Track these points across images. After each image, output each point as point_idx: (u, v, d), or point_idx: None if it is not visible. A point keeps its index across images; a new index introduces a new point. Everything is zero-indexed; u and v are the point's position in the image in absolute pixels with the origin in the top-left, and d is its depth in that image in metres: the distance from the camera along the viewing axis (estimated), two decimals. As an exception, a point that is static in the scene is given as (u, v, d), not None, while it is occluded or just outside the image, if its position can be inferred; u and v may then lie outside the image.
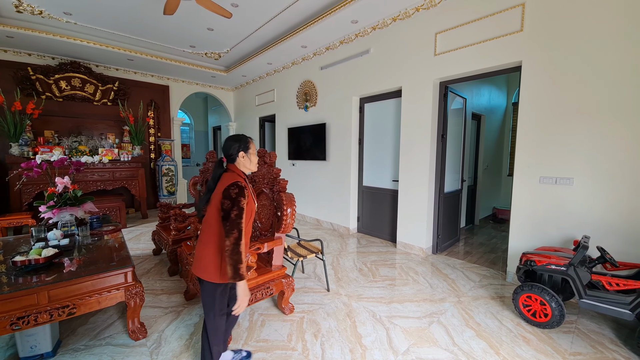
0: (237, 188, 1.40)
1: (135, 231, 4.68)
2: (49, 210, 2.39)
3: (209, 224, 1.49)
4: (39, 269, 1.80)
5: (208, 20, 4.13)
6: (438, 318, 2.25)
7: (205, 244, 1.49)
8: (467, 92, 4.37)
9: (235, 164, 1.55)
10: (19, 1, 3.63)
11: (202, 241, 1.51)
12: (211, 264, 1.47)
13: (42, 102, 5.01)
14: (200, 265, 1.48)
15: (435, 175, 3.57)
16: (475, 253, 3.74)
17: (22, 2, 3.67)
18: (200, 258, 1.49)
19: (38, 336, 1.77)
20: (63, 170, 3.85)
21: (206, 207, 1.53)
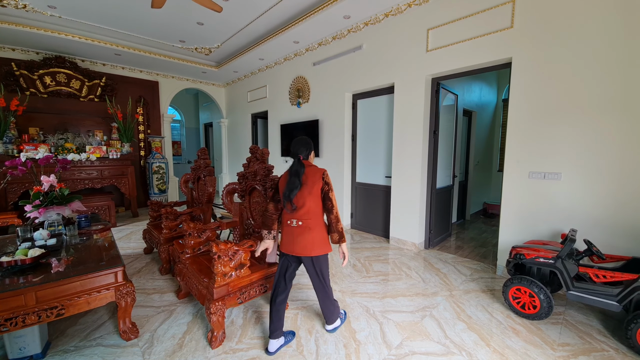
0: (327, 175, 1.83)
1: (126, 230, 4.60)
2: (35, 209, 2.33)
3: (314, 212, 1.80)
4: (26, 270, 1.76)
5: (198, 15, 4.05)
6: (430, 312, 2.28)
7: (315, 228, 1.80)
8: (459, 88, 4.40)
9: (309, 160, 1.92)
10: None
11: (311, 227, 1.79)
12: (325, 240, 1.84)
13: (26, 99, 4.84)
14: (315, 246, 1.80)
15: (428, 171, 3.60)
16: (466, 247, 3.80)
17: None
18: (315, 240, 1.80)
19: (27, 338, 1.73)
20: (49, 169, 3.75)
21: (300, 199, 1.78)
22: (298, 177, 1.76)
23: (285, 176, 1.86)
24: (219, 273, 1.88)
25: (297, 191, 1.75)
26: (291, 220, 1.82)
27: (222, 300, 1.87)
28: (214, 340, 1.86)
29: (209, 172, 3.36)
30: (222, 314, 1.86)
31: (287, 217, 1.84)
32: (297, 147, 1.87)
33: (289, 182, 1.77)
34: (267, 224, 1.94)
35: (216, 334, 1.87)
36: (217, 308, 1.82)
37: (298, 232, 1.80)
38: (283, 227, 1.88)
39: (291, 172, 1.80)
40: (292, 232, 1.82)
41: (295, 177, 1.76)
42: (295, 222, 1.80)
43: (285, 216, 1.86)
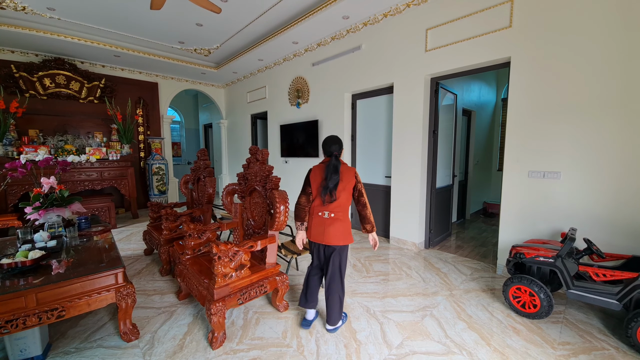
0: (358, 174, 2.03)
1: (126, 231, 4.60)
2: (35, 211, 2.33)
3: (344, 206, 1.97)
4: (26, 272, 1.76)
5: (197, 16, 4.05)
6: (431, 311, 2.28)
7: (343, 220, 1.97)
8: (458, 88, 4.40)
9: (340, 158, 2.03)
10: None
11: (340, 219, 1.96)
12: (349, 232, 1.99)
13: (26, 101, 4.85)
14: (342, 236, 1.95)
15: (427, 171, 3.61)
16: (466, 247, 3.80)
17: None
18: (342, 231, 1.95)
19: (27, 339, 1.73)
20: (49, 170, 3.75)
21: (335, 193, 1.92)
22: (337, 173, 1.92)
23: (320, 171, 2.00)
24: (219, 274, 1.89)
25: (334, 186, 1.91)
26: (323, 212, 1.96)
27: (222, 301, 1.87)
28: (215, 341, 1.86)
29: (208, 173, 3.37)
30: (223, 314, 1.86)
31: (319, 209, 1.98)
32: (331, 145, 1.99)
33: (328, 177, 1.91)
34: (300, 215, 2.06)
35: (217, 334, 1.87)
36: (217, 309, 1.83)
37: (329, 223, 1.94)
38: (313, 217, 2.00)
39: (329, 168, 1.93)
40: (323, 223, 1.95)
41: (335, 173, 1.91)
42: (328, 214, 1.95)
43: (317, 208, 1.99)
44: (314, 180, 2.00)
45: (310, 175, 2.04)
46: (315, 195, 2.00)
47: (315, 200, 2.00)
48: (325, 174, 1.93)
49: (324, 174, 1.95)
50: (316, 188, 1.99)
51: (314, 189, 2.00)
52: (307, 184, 2.06)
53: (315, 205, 2.01)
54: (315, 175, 2.00)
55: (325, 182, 1.91)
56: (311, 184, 2.02)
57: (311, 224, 2.01)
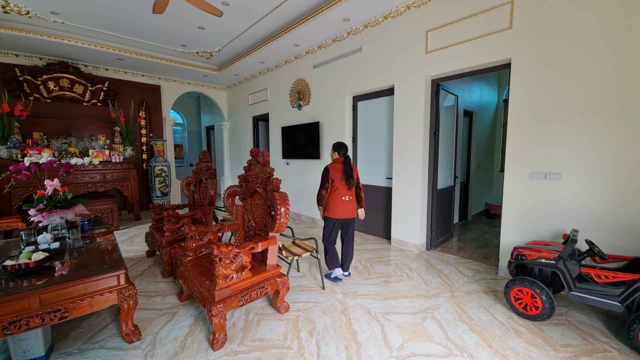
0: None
1: (128, 233, 4.63)
2: (39, 213, 2.36)
3: (353, 192, 2.84)
4: (30, 273, 1.78)
5: (199, 19, 4.09)
6: (432, 313, 2.28)
7: (354, 201, 2.86)
8: (459, 89, 4.41)
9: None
10: (5, 1, 3.55)
11: (353, 201, 2.85)
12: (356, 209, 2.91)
13: (30, 104, 4.91)
14: (355, 212, 2.88)
15: (428, 172, 3.60)
16: (468, 248, 3.79)
17: (9, 3, 3.58)
18: (355, 208, 2.88)
19: (30, 341, 1.74)
20: (52, 173, 3.79)
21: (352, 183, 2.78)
22: (351, 168, 2.77)
23: (338, 167, 2.76)
24: (220, 275, 1.90)
25: (352, 178, 2.76)
26: (345, 196, 2.76)
27: (223, 302, 1.88)
28: (216, 342, 1.87)
29: (210, 175, 3.38)
30: (224, 316, 1.87)
31: (343, 195, 2.75)
32: (344, 148, 2.83)
33: (348, 171, 2.74)
34: (321, 202, 2.79)
35: (218, 336, 1.88)
36: (218, 310, 1.83)
37: (349, 203, 2.79)
38: (338, 202, 2.75)
39: (347, 165, 2.76)
40: (345, 204, 2.77)
41: (350, 169, 2.76)
42: (348, 197, 2.78)
43: (341, 195, 2.75)
44: (335, 175, 2.74)
45: (330, 172, 2.74)
46: (337, 186, 2.74)
47: (338, 189, 2.74)
48: (345, 169, 2.74)
49: (342, 169, 2.74)
50: (339, 179, 2.73)
51: (336, 181, 2.73)
52: (327, 179, 2.73)
53: (338, 193, 2.74)
54: (335, 171, 2.75)
55: (347, 175, 2.73)
56: (333, 178, 2.73)
57: (337, 206, 2.75)
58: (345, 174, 2.72)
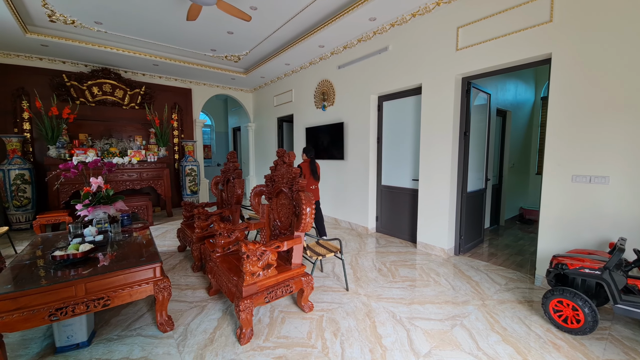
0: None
1: (161, 229, 4.89)
2: (85, 208, 2.56)
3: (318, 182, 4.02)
4: (77, 263, 1.93)
5: (228, 24, 4.24)
6: (461, 321, 2.18)
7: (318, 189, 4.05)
8: (492, 87, 4.20)
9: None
10: (51, 11, 3.87)
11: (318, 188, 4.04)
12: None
13: (76, 107, 5.35)
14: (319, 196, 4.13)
15: (458, 174, 3.47)
16: (500, 255, 3.60)
17: (55, 12, 3.91)
18: (319, 194, 4.12)
19: (75, 326, 1.87)
20: (96, 171, 4.09)
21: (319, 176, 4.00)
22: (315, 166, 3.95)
23: (307, 166, 3.89)
24: (247, 272, 1.95)
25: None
26: (312, 185, 3.89)
27: (250, 298, 1.93)
28: (243, 337, 1.92)
29: (237, 175, 3.49)
30: (250, 311, 1.91)
31: (310, 184, 3.87)
32: (312, 152, 3.98)
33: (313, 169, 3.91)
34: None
35: (244, 330, 1.93)
36: (245, 306, 1.89)
37: (315, 190, 3.95)
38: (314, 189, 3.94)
39: (312, 164, 3.92)
40: (313, 191, 3.90)
41: (315, 167, 3.94)
42: (314, 186, 3.92)
43: (310, 184, 3.86)
44: (305, 171, 3.86)
45: (302, 169, 3.84)
46: (308, 177, 3.83)
47: (309, 180, 3.85)
48: (312, 167, 3.90)
49: (309, 167, 3.89)
50: (308, 174, 3.87)
51: (306, 175, 3.85)
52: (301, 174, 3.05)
53: (309, 184, 3.86)
54: (305, 168, 3.88)
55: (312, 171, 3.90)
56: (304, 173, 3.84)
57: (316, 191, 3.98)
58: (312, 170, 3.88)
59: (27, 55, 5.00)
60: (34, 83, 5.12)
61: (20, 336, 1.99)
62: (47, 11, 3.86)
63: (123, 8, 3.78)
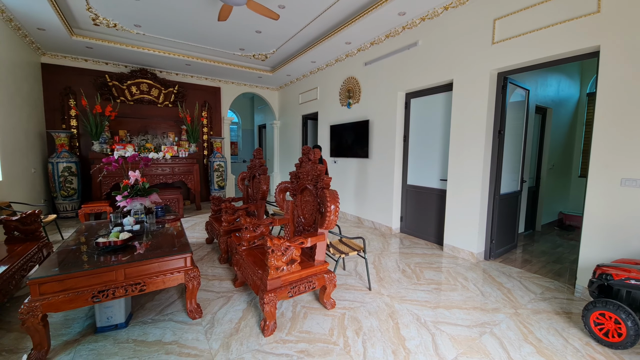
0: None
1: (191, 221, 5.13)
2: (124, 199, 2.74)
3: None
4: (117, 250, 2.08)
5: (256, 24, 4.33)
6: (491, 329, 2.08)
7: None
8: (531, 82, 3.94)
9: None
10: (95, 15, 4.16)
11: None
12: None
13: (117, 105, 5.74)
14: None
15: (490, 175, 3.29)
16: (536, 262, 3.38)
17: (99, 16, 4.20)
18: None
19: (114, 309, 2.01)
20: (134, 165, 4.37)
21: None
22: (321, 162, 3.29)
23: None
24: (272, 266, 1.99)
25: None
26: None
27: (274, 292, 1.97)
28: (266, 329, 1.97)
29: (263, 171, 3.57)
30: (274, 305, 1.96)
31: None
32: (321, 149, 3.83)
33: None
34: None
35: (268, 323, 1.98)
36: (269, 299, 1.93)
37: None
38: None
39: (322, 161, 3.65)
40: None
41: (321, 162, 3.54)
42: None
43: None
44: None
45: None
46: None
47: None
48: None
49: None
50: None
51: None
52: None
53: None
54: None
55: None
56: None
57: None
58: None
59: (73, 56, 5.43)
60: (80, 83, 5.56)
61: (63, 316, 2.17)
62: (91, 15, 4.15)
63: (160, 11, 3.99)
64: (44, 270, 1.78)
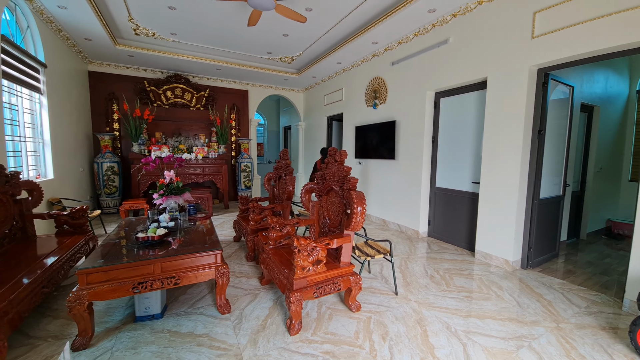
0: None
1: (219, 219, 5.32)
2: (160, 197, 2.91)
3: None
4: (154, 245, 2.21)
5: (284, 27, 4.41)
6: (529, 343, 1.95)
7: None
8: (576, 78, 3.65)
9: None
10: (136, 25, 4.46)
11: None
12: None
13: (154, 109, 6.11)
14: None
15: (529, 178, 3.09)
16: (580, 273, 3.11)
17: (139, 26, 4.50)
18: None
19: (151, 300, 2.15)
20: (169, 165, 4.61)
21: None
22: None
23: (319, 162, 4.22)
24: (298, 266, 2.01)
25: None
26: None
27: (300, 291, 1.98)
28: (292, 327, 1.99)
29: (289, 172, 3.62)
30: (300, 304, 1.97)
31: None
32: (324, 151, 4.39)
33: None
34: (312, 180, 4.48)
35: (294, 322, 1.99)
36: (296, 298, 1.95)
37: None
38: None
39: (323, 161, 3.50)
40: None
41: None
42: None
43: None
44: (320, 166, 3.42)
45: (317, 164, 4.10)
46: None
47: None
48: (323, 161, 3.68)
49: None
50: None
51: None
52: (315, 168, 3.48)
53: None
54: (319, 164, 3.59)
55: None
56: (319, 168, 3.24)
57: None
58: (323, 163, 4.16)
59: (116, 64, 5.87)
60: (121, 88, 5.99)
61: (106, 305, 2.34)
62: (133, 25, 4.46)
63: (194, 19, 4.19)
64: (90, 261, 1.93)
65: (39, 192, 2.89)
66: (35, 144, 3.81)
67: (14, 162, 3.38)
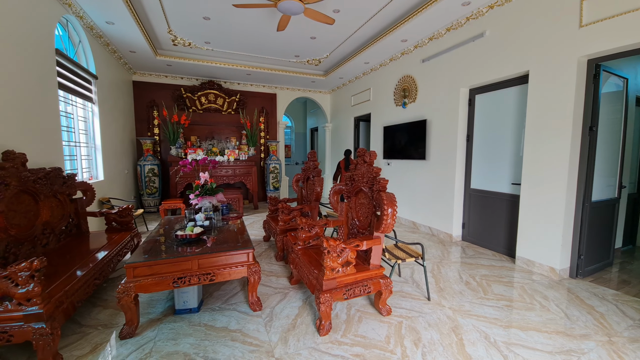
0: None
1: (249, 219, 5.49)
2: (196, 198, 3.07)
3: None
4: (192, 242, 2.33)
5: (311, 30, 4.46)
6: (578, 357, 1.78)
7: None
8: (629, 69, 3.29)
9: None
10: (174, 36, 4.76)
11: None
12: None
13: (190, 114, 6.47)
14: None
15: (578, 179, 2.83)
16: (636, 283, 2.79)
17: (177, 37, 4.79)
18: None
19: (189, 294, 2.27)
20: (204, 167, 4.84)
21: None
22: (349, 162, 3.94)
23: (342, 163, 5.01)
24: (327, 267, 2.01)
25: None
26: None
27: (330, 292, 1.98)
28: (322, 328, 1.99)
29: (317, 173, 3.64)
30: (330, 305, 1.97)
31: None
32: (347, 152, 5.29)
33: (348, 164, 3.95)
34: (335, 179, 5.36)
35: (324, 322, 2.00)
36: (325, 299, 1.95)
37: None
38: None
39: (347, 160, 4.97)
40: None
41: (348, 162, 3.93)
42: None
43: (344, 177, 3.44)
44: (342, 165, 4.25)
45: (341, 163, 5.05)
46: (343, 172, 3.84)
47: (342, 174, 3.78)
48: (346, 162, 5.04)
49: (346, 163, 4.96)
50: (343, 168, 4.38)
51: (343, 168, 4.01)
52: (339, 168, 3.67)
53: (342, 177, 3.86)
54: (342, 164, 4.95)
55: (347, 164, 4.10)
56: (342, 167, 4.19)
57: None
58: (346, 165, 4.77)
59: (157, 73, 6.30)
60: (161, 96, 6.42)
61: (149, 297, 2.51)
62: (171, 36, 4.76)
63: (226, 27, 4.38)
64: (136, 256, 2.08)
65: (92, 192, 3.18)
66: (88, 149, 4.20)
67: (70, 165, 3.75)
